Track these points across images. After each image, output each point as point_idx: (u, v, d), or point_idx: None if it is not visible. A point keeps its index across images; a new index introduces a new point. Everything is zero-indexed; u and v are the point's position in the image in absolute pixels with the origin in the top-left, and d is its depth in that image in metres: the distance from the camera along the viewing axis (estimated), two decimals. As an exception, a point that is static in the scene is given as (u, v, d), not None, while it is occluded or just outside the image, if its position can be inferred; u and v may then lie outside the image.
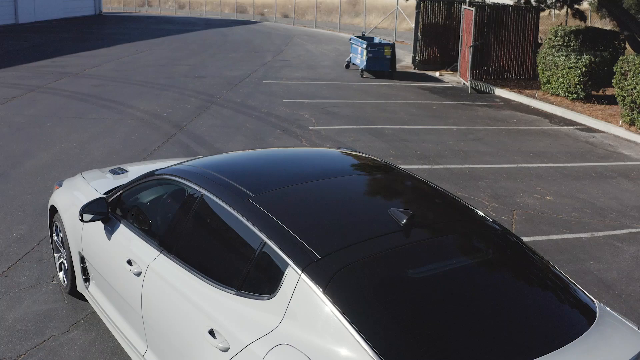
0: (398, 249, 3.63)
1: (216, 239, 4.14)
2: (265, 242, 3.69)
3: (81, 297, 5.85)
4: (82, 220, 4.97)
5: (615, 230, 8.23)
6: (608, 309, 3.87)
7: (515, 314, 3.48)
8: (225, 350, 3.58)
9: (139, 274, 4.46)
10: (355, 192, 4.39)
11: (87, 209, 5.00)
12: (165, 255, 4.34)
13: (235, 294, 3.74)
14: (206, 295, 3.89)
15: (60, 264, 6.12)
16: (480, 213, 4.26)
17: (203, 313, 3.83)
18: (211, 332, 3.70)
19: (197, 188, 4.33)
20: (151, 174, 4.90)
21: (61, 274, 6.11)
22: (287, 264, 3.53)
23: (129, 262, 4.59)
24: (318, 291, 3.34)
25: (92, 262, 5.25)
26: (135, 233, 4.74)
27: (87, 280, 5.55)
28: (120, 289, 4.77)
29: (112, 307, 5.03)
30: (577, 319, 3.61)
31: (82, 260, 5.49)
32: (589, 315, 3.64)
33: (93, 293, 5.39)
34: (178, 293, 4.07)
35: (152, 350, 4.43)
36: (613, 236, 8.01)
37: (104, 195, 5.31)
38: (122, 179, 5.90)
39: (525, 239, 7.64)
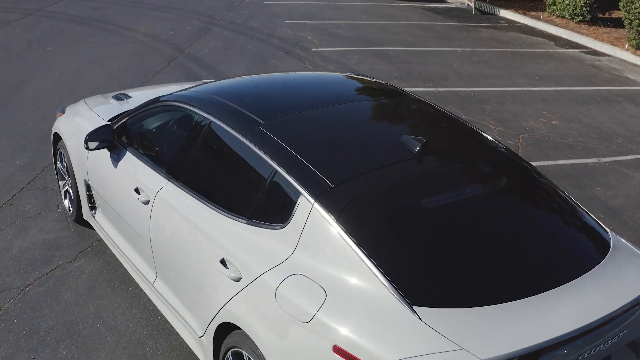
0: (411, 177, 3.49)
1: (226, 167, 4.01)
2: (277, 171, 3.56)
3: (87, 225, 5.76)
4: (87, 148, 4.83)
5: (621, 156, 8.10)
6: (623, 240, 3.78)
7: (529, 244, 3.38)
8: (238, 279, 3.50)
9: (147, 203, 4.35)
10: (366, 118, 4.21)
11: (92, 136, 4.85)
12: (173, 183, 4.22)
13: (247, 223, 3.63)
14: (217, 224, 3.79)
15: (66, 191, 6.01)
16: (493, 139, 4.12)
17: (214, 242, 3.73)
18: (222, 262, 3.62)
19: (205, 115, 4.16)
20: (156, 100, 4.73)
21: (66, 202, 6.01)
22: (299, 193, 3.41)
23: (137, 191, 4.47)
24: (331, 220, 3.23)
25: (98, 190, 5.14)
26: (141, 161, 4.60)
27: (93, 208, 5.44)
28: (127, 218, 4.67)
29: (120, 236, 4.94)
30: (591, 250, 3.51)
31: (88, 188, 5.38)
32: (603, 246, 3.54)
33: (100, 221, 5.29)
34: (188, 222, 3.97)
35: (161, 279, 4.37)
36: (619, 162, 7.89)
37: (109, 123, 5.15)
38: (126, 105, 5.71)
39: (532, 163, 7.52)
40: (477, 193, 3.55)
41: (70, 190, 5.78)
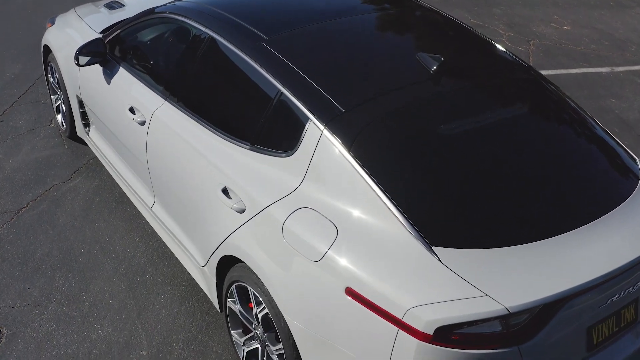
0: (429, 100, 3.11)
1: (226, 87, 3.61)
2: (282, 92, 3.19)
3: (82, 142, 5.41)
4: (78, 64, 4.42)
5: (636, 65, 7.66)
6: None
7: (557, 176, 3.04)
8: (241, 211, 3.20)
9: (142, 124, 4.00)
10: (378, 32, 3.75)
11: (82, 51, 4.42)
12: (170, 103, 3.85)
13: (250, 149, 3.30)
14: (217, 148, 3.45)
15: (58, 106, 5.63)
16: (516, 57, 3.73)
17: (215, 169, 3.41)
18: (225, 191, 3.31)
19: (204, 29, 3.74)
20: (151, 11, 4.28)
21: (59, 117, 5.64)
22: (307, 118, 3.05)
23: (132, 110, 4.10)
24: (342, 149, 2.89)
25: (92, 108, 4.77)
26: (136, 77, 4.21)
27: (87, 125, 5.09)
28: (123, 138, 4.33)
29: (115, 156, 4.61)
30: (620, 182, 3.18)
31: (81, 104, 5.00)
32: (632, 177, 3.22)
33: (94, 139, 4.95)
34: (187, 146, 3.63)
35: (160, 203, 4.07)
36: (634, 72, 7.47)
37: (101, 36, 4.73)
38: (119, 15, 5.22)
39: (543, 72, 7.12)
40: (501, 118, 3.19)
41: (63, 105, 5.41)
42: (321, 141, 2.97)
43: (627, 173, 3.22)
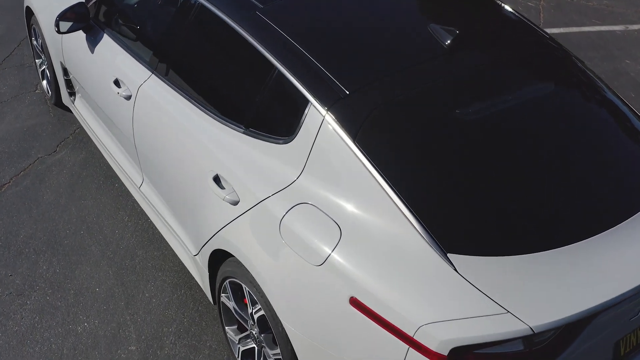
0: (444, 80, 2.75)
1: (217, 61, 3.24)
2: (279, 70, 2.84)
3: (68, 109, 5.06)
4: (58, 31, 4.05)
5: (652, 21, 7.26)
6: None
7: (585, 171, 2.71)
8: (234, 203, 2.90)
9: (128, 98, 3.65)
10: (384, 1, 3.41)
11: (63, 16, 4.02)
12: (157, 76, 3.50)
13: (244, 133, 2.97)
14: (208, 130, 3.12)
15: (43, 71, 5.27)
16: (541, 30, 3.34)
17: (206, 153, 3.09)
18: (216, 179, 2.99)
19: None
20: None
21: (44, 83, 5.28)
22: (307, 101, 2.71)
23: (117, 83, 3.75)
24: (347, 138, 2.56)
25: (76, 77, 4.41)
26: (121, 47, 3.84)
27: (72, 94, 4.74)
28: (109, 112, 3.98)
29: (101, 129, 4.28)
30: None
31: (65, 71, 4.65)
32: None
33: (80, 109, 4.60)
34: (175, 124, 3.30)
35: (148, 184, 3.76)
36: (650, 29, 7.07)
37: (83, 2, 4.34)
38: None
39: (554, 30, 6.72)
40: (523, 101, 2.83)
41: (47, 71, 5.04)
42: (322, 128, 2.64)
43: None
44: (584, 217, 2.52)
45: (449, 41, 2.87)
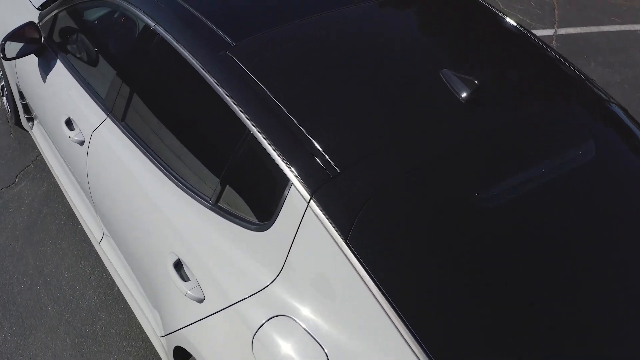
0: (458, 151, 2.17)
1: (180, 112, 2.64)
2: (252, 134, 2.24)
3: (31, 131, 4.46)
4: (4, 57, 3.41)
5: (676, 18, 6.60)
6: None
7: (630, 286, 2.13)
8: (199, 301, 2.31)
9: (81, 144, 3.06)
10: (386, 33, 2.63)
11: (12, 37, 3.41)
12: (113, 121, 2.89)
13: (211, 208, 2.38)
14: (168, 198, 2.53)
15: (2, 87, 4.64)
16: (585, 78, 2.69)
17: (165, 226, 2.51)
18: (177, 266, 2.41)
19: (152, 23, 2.73)
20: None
21: (4, 100, 4.66)
22: (287, 180, 2.12)
23: (69, 123, 3.14)
24: (338, 238, 1.96)
25: (31, 103, 3.80)
26: (75, 78, 3.21)
27: (30, 119, 4.13)
28: (63, 153, 3.39)
29: (61, 169, 3.67)
30: None
31: (22, 95, 4.03)
32: None
33: (38, 139, 3.98)
34: (131, 183, 2.71)
35: (109, 243, 3.18)
36: (675, 27, 6.41)
37: (37, 16, 3.69)
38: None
39: (571, 30, 6.07)
40: (556, 179, 2.23)
41: (5, 89, 4.42)
42: (306, 219, 2.04)
43: None
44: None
45: (466, 94, 2.25)
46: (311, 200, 2.02)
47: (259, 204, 2.22)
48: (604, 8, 6.62)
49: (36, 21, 3.56)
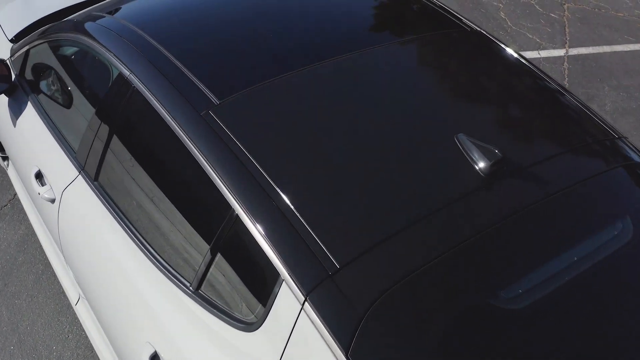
0: (483, 239, 1.84)
1: (156, 177, 2.31)
2: (238, 215, 1.91)
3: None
4: (-30, 95, 3.09)
5: (693, 37, 6.25)
6: None
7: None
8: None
9: (52, 201, 2.73)
10: (389, 86, 2.25)
11: None
12: (85, 180, 2.56)
13: (192, 295, 2.05)
14: (144, 277, 2.21)
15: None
16: (611, 129, 2.35)
17: (141, 309, 2.19)
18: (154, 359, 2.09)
19: (126, 71, 2.39)
20: (61, 27, 2.90)
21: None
22: (277, 274, 1.80)
23: (39, 177, 2.82)
24: (336, 350, 1.64)
25: (4, 144, 3.47)
26: (46, 125, 2.90)
27: (5, 158, 3.80)
28: (36, 205, 3.06)
29: (35, 217, 3.35)
30: None
31: (-4, 130, 3.69)
32: None
33: (13, 179, 3.66)
34: (103, 253, 2.39)
35: (84, 307, 2.86)
36: (691, 47, 6.07)
37: (11, 45, 3.36)
38: (42, 6, 3.81)
39: (583, 50, 5.73)
40: (594, 270, 1.91)
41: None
42: (299, 324, 1.71)
43: None
44: None
45: (487, 167, 1.92)
46: (306, 302, 1.70)
47: (245, 298, 1.90)
48: (617, 26, 6.28)
49: (8, 54, 3.23)
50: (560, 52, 5.74)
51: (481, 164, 1.95)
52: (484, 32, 2.65)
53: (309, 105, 2.11)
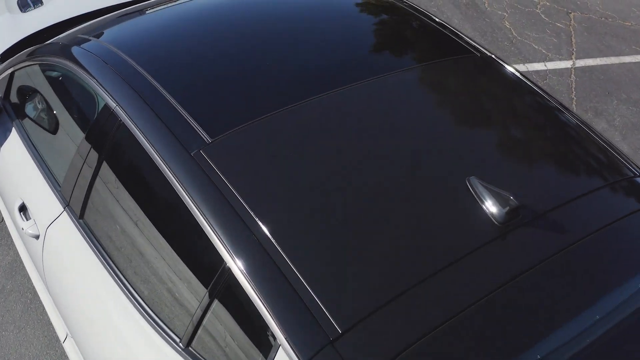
0: (496, 298, 1.68)
1: (144, 218, 2.13)
2: (231, 270, 1.74)
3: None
4: (-48, 120, 2.93)
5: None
6: None
7: None
8: None
9: (36, 237, 2.57)
10: (394, 122, 2.06)
11: None
12: (70, 217, 2.40)
13: (181, 353, 1.89)
14: (132, 329, 2.05)
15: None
16: (638, 174, 2.18)
17: None
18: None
19: (114, 104, 2.22)
20: (47, 50, 2.73)
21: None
22: (273, 339, 1.64)
23: (23, 210, 2.66)
24: None
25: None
26: (30, 154, 2.73)
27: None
28: (22, 237, 2.90)
29: (22, 247, 3.18)
30: None
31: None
32: None
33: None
34: (89, 297, 2.23)
35: (73, 345, 2.69)
36: (702, 58, 5.90)
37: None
38: (35, 16, 3.63)
39: (590, 62, 5.57)
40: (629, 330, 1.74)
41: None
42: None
43: None
44: None
45: (501, 216, 1.75)
46: (306, 370, 1.53)
47: (240, 356, 1.73)
48: (624, 36, 6.11)
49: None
50: (567, 64, 5.57)
51: (495, 212, 1.79)
52: (494, 58, 2.48)
53: (309, 145, 1.94)
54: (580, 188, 1.99)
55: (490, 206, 1.81)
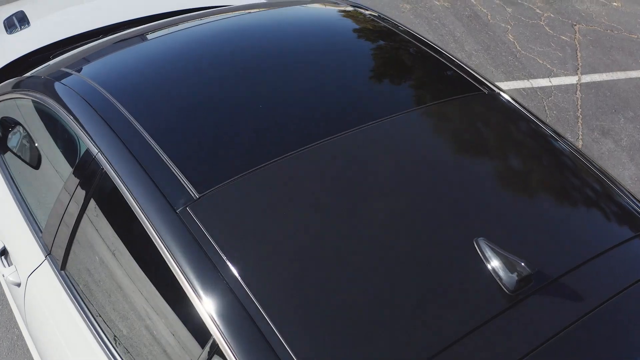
0: None
1: (129, 279, 1.98)
2: (218, 344, 1.59)
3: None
4: None
5: None
6: None
7: None
8: None
9: (18, 285, 2.42)
10: (394, 176, 1.90)
11: None
12: (52, 266, 2.25)
13: None
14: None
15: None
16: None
17: None
18: None
19: (95, 150, 2.05)
20: (29, 83, 2.56)
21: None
22: None
23: (4, 254, 2.51)
24: None
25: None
26: (11, 192, 2.58)
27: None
28: (5, 284, 2.75)
29: (7, 289, 3.03)
30: None
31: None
32: None
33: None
34: (70, 352, 2.08)
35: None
36: None
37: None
38: (23, 39, 3.48)
39: (596, 77, 5.42)
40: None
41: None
42: None
43: None
44: None
45: (513, 284, 1.61)
46: None
47: None
48: (631, 49, 5.96)
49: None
50: (572, 80, 5.42)
51: (505, 279, 1.64)
52: (502, 96, 2.33)
53: (307, 200, 1.79)
54: (597, 246, 1.84)
55: (500, 272, 1.66)
